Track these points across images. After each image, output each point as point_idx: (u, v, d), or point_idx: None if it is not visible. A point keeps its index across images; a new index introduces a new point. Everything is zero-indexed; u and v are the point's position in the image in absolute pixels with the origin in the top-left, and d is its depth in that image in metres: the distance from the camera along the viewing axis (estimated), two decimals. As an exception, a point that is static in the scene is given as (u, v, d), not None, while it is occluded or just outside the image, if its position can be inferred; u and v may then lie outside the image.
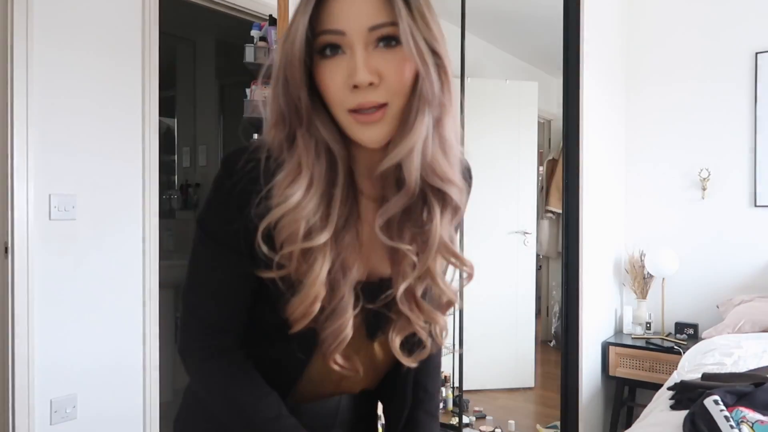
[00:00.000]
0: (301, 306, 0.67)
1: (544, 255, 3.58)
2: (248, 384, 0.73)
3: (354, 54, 0.64)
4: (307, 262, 0.67)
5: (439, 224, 0.70)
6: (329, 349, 0.71)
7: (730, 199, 2.68)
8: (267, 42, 2.61)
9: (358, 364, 0.75)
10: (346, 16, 0.64)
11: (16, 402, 2.02)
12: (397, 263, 0.72)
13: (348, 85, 0.65)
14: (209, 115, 4.15)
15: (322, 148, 0.68)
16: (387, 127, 0.66)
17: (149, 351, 2.42)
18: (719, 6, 2.71)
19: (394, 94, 0.66)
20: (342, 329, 0.69)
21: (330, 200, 0.68)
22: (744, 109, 2.65)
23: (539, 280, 3.57)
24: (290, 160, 0.68)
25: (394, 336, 0.75)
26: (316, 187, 0.67)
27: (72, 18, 2.18)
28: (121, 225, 2.34)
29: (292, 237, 0.66)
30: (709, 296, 2.69)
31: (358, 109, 0.65)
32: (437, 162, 0.68)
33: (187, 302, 0.74)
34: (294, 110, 0.68)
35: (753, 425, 1.23)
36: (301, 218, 0.66)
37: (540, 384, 3.32)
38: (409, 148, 0.66)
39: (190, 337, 0.74)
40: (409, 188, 0.68)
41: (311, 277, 0.67)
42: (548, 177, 3.51)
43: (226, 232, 0.70)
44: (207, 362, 0.73)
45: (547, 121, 3.58)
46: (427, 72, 0.65)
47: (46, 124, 2.10)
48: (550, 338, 3.63)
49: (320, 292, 0.67)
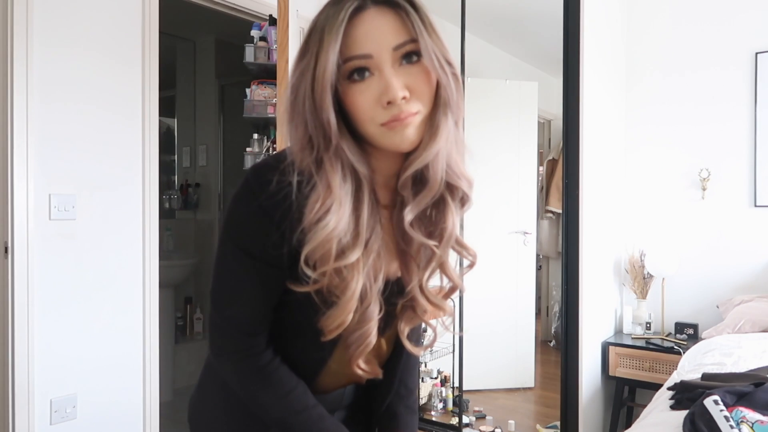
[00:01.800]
0: (338, 319, 0.72)
1: (544, 255, 3.58)
2: (278, 380, 0.79)
3: (383, 74, 0.69)
4: (341, 278, 0.71)
5: (455, 219, 0.77)
6: (354, 353, 0.76)
7: (730, 199, 2.68)
8: (267, 42, 2.61)
9: (377, 367, 0.81)
10: (371, 40, 0.69)
11: (16, 402, 2.02)
12: (409, 260, 0.78)
13: (381, 102, 0.69)
14: (209, 115, 4.15)
15: (348, 170, 0.72)
16: (418, 130, 0.71)
17: (149, 351, 2.42)
18: (719, 6, 2.71)
19: (423, 104, 0.71)
20: (368, 334, 0.75)
21: (358, 219, 0.72)
22: (744, 109, 2.65)
23: (539, 280, 3.57)
24: (320, 182, 0.71)
25: (404, 327, 0.81)
26: (345, 208, 0.71)
27: (72, 18, 2.18)
28: (121, 225, 2.34)
29: (326, 257, 0.70)
30: (709, 296, 2.69)
31: (392, 120, 0.69)
32: (454, 161, 0.75)
33: (220, 310, 0.78)
34: (322, 134, 0.70)
35: (753, 425, 1.23)
36: (333, 239, 0.69)
37: (540, 384, 3.32)
38: (436, 151, 0.72)
39: (226, 341, 0.79)
40: (433, 187, 0.73)
41: (348, 293, 0.71)
42: (548, 177, 3.51)
43: (259, 247, 0.73)
44: (241, 363, 0.79)
45: (547, 121, 3.58)
46: (447, 81, 0.71)
47: (46, 124, 2.10)
48: (550, 338, 3.63)
49: (355, 305, 0.72)
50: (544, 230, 3.52)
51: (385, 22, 0.69)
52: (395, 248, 0.79)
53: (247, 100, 2.60)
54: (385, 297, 0.77)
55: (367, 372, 0.79)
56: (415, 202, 0.74)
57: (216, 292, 0.78)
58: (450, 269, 0.79)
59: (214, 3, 2.71)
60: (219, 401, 0.88)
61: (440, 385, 2.93)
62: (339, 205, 0.70)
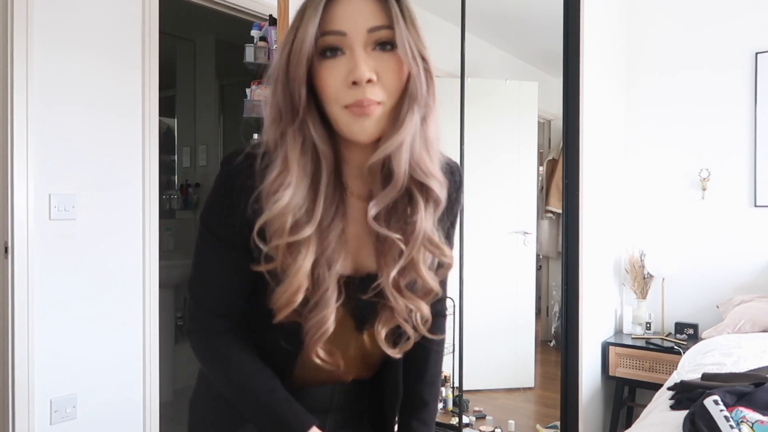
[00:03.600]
0: (285, 295, 0.72)
1: (544, 255, 3.58)
2: (243, 361, 0.79)
3: (354, 53, 0.70)
4: (292, 256, 0.72)
5: (424, 216, 0.76)
6: (311, 341, 0.75)
7: (730, 199, 2.68)
8: (267, 42, 2.61)
9: (340, 358, 0.80)
10: (347, 18, 0.70)
11: (16, 402, 2.02)
12: (383, 254, 0.77)
13: (347, 82, 0.69)
14: (209, 115, 4.15)
15: (309, 146, 0.73)
16: (378, 123, 0.71)
17: (149, 351, 2.42)
18: (719, 6, 2.71)
19: (388, 94, 0.71)
20: (324, 321, 0.74)
21: (315, 196, 0.73)
22: (744, 109, 2.65)
23: (539, 280, 3.56)
24: (279, 156, 0.72)
25: (380, 328, 0.80)
26: (301, 183, 0.72)
27: (72, 18, 2.18)
28: (121, 225, 2.34)
29: (280, 231, 0.71)
30: (709, 296, 2.68)
31: (355, 105, 0.69)
32: (422, 158, 0.74)
33: (191, 289, 0.81)
34: (290, 106, 0.72)
35: (753, 425, 1.23)
36: (287, 212, 0.70)
37: (540, 384, 3.32)
38: (399, 142, 0.71)
39: (194, 320, 0.81)
40: (397, 181, 0.73)
41: (294, 268, 0.71)
42: (548, 177, 3.51)
43: (223, 227, 0.76)
44: (206, 342, 0.80)
45: (547, 121, 3.58)
46: (417, 72, 0.71)
47: (46, 124, 2.10)
48: (550, 338, 3.63)
49: (303, 283, 0.72)
50: (544, 230, 3.52)
51: (364, 5, 0.70)
52: (372, 241, 0.78)
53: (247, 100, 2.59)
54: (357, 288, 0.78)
55: (327, 362, 0.77)
56: (381, 196, 0.74)
57: (191, 273, 0.81)
58: (421, 269, 0.77)
59: (214, 3, 2.71)
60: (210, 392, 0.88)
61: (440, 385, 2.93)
62: (294, 179, 0.71)
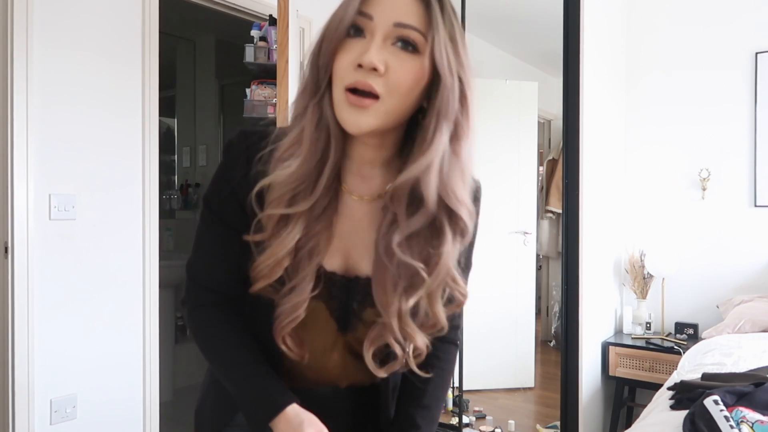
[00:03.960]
0: (265, 263, 0.72)
1: (544, 255, 3.58)
2: (228, 332, 0.80)
3: (371, 39, 0.68)
4: (282, 228, 0.72)
5: (451, 250, 0.72)
6: (280, 325, 0.75)
7: (730, 199, 2.68)
8: (267, 42, 2.61)
9: (306, 351, 0.79)
10: (380, 5, 0.69)
11: (16, 402, 2.02)
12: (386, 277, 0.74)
13: (354, 63, 0.68)
14: (209, 115, 4.15)
15: (323, 125, 0.72)
16: (373, 119, 0.69)
17: (149, 351, 2.42)
18: (719, 6, 2.71)
19: (390, 91, 0.68)
20: (296, 308, 0.74)
21: (318, 176, 0.72)
22: (744, 109, 2.65)
23: (539, 280, 3.56)
24: (296, 127, 0.73)
25: (368, 345, 0.77)
26: (309, 157, 0.71)
27: (72, 18, 2.18)
28: (121, 225, 2.34)
29: (278, 200, 0.71)
30: (709, 296, 2.68)
31: (353, 88, 0.68)
32: (455, 182, 0.71)
33: (187, 265, 0.83)
34: (315, 81, 0.72)
35: (753, 425, 1.23)
36: (289, 183, 0.71)
37: (540, 384, 3.32)
38: (427, 163, 0.69)
39: (186, 291, 0.84)
40: (428, 207, 0.70)
41: (278, 239, 0.72)
42: (548, 177, 3.51)
43: (217, 203, 0.79)
44: (195, 312, 0.82)
45: (547, 121, 3.58)
46: (451, 86, 0.69)
47: (46, 124, 2.10)
48: (550, 338, 3.63)
49: (285, 258, 0.72)
50: (544, 230, 3.52)
51: (404, 1, 0.69)
52: (373, 248, 0.76)
53: (247, 100, 2.59)
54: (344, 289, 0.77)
55: (292, 351, 0.77)
56: (408, 223, 0.71)
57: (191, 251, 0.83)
58: (437, 305, 0.74)
59: (214, 3, 2.71)
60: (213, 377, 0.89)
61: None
62: (304, 152, 0.71)
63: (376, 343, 0.77)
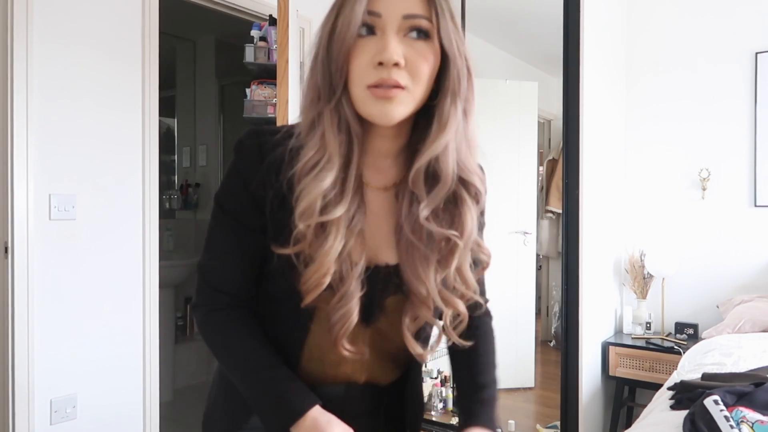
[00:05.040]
0: (314, 276, 0.71)
1: (544, 255, 3.58)
2: (244, 335, 0.79)
3: (385, 35, 0.70)
4: (321, 238, 0.71)
5: (471, 215, 0.76)
6: (338, 334, 0.75)
7: (730, 199, 2.68)
8: (267, 42, 2.61)
9: (363, 346, 0.79)
10: (386, 1, 0.70)
11: (16, 402, 2.02)
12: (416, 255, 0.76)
13: (373, 62, 0.69)
14: (209, 115, 4.15)
15: (344, 126, 0.73)
16: (400, 107, 0.71)
17: (149, 351, 2.42)
18: (719, 6, 2.71)
19: (414, 80, 0.71)
20: (349, 314, 0.74)
21: (345, 179, 0.73)
22: (744, 109, 2.65)
23: (539, 280, 3.56)
24: (316, 135, 0.72)
25: (409, 323, 0.78)
26: (335, 162, 0.72)
27: (72, 18, 2.18)
28: (121, 225, 2.34)
29: (309, 211, 0.70)
30: (709, 296, 2.68)
31: (377, 85, 0.69)
32: (466, 156, 0.75)
33: (199, 266, 0.82)
34: (329, 86, 0.72)
35: (753, 425, 1.23)
36: (319, 192, 0.70)
37: (540, 384, 3.32)
38: (445, 143, 0.72)
39: (199, 295, 0.82)
40: (446, 182, 0.73)
41: (325, 249, 0.71)
42: (548, 177, 3.51)
43: (231, 203, 0.78)
44: (208, 316, 0.81)
45: (547, 121, 3.58)
46: (461, 65, 0.73)
47: (46, 124, 2.10)
48: (550, 338, 3.63)
49: (332, 266, 0.71)
50: (544, 230, 3.51)
51: None
52: (394, 237, 0.78)
53: (247, 100, 2.59)
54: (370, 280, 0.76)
55: (351, 352, 0.76)
56: (430, 198, 0.74)
57: (202, 252, 0.81)
58: (467, 271, 0.77)
59: (214, 3, 2.71)
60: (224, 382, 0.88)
61: (440, 385, 2.93)
62: (329, 158, 0.71)
63: (416, 324, 0.78)
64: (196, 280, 0.82)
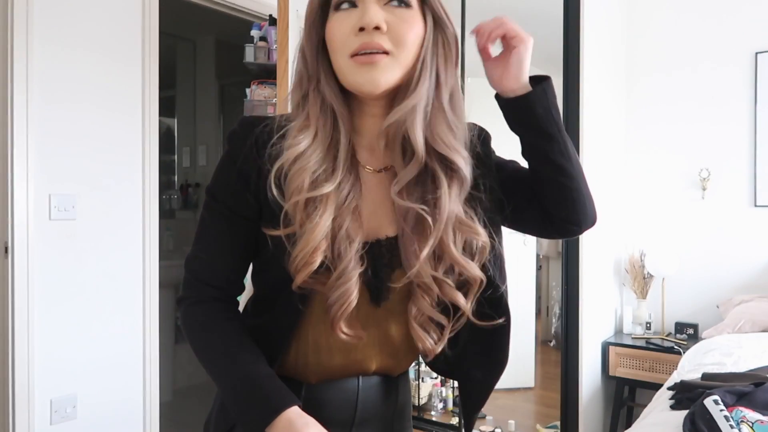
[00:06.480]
0: (302, 253, 0.70)
1: (544, 255, 3.58)
2: (226, 330, 0.77)
3: (364, 3, 0.70)
4: (310, 213, 0.70)
5: (448, 192, 0.73)
6: (335, 315, 0.73)
7: (730, 199, 2.68)
8: (267, 42, 2.61)
9: (360, 329, 0.76)
10: None
11: (16, 402, 2.02)
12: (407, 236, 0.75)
13: (354, 29, 0.70)
14: (209, 115, 4.15)
15: (327, 107, 0.73)
16: (386, 73, 0.71)
17: (149, 351, 2.42)
18: (719, 6, 2.71)
19: (397, 45, 0.70)
20: (348, 294, 0.72)
21: (334, 159, 0.73)
22: (744, 109, 2.65)
23: (539, 280, 3.56)
24: (301, 114, 0.74)
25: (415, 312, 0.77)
26: (321, 139, 0.72)
27: (72, 18, 2.18)
28: (121, 225, 2.34)
29: (297, 189, 0.70)
30: (709, 296, 2.68)
31: (360, 51, 0.69)
32: (440, 128, 0.73)
33: (186, 260, 0.80)
34: (308, 67, 0.74)
35: (753, 425, 1.23)
36: (307, 168, 0.70)
37: (540, 384, 3.32)
38: (412, 105, 0.71)
39: (184, 288, 0.80)
40: (418, 152, 0.72)
41: (311, 225, 0.70)
42: (548, 177, 3.51)
43: (223, 191, 0.77)
44: (190, 308, 0.79)
45: (547, 121, 3.57)
46: (442, 29, 0.74)
47: (46, 124, 2.10)
48: (550, 338, 3.63)
49: (321, 243, 0.70)
50: (544, 230, 3.51)
51: None
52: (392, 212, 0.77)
53: (247, 100, 2.59)
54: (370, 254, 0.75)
55: (349, 335, 0.74)
56: (404, 171, 0.74)
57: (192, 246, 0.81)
58: (452, 251, 0.74)
59: (214, 3, 2.72)
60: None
61: (440, 385, 2.93)
62: (315, 134, 0.72)
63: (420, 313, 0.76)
64: (183, 274, 0.80)
